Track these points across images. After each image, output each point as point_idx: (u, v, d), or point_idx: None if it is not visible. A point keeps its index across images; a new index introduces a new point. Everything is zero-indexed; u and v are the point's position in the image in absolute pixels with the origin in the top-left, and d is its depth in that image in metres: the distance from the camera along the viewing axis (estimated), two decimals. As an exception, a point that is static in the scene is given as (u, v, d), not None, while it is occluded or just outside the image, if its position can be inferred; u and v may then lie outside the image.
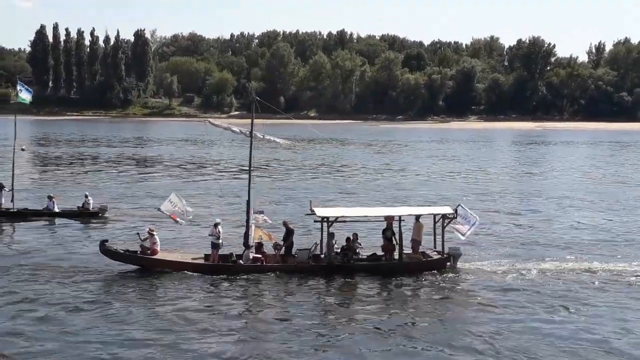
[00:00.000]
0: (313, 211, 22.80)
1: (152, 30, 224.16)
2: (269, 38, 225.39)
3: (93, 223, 31.02)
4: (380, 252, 23.29)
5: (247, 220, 22.66)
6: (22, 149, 72.22)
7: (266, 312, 18.59)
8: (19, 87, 34.14)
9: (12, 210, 32.01)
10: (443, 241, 23.17)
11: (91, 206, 32.41)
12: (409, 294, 20.93)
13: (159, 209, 23.99)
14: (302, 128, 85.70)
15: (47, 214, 31.87)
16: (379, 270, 22.32)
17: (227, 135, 24.75)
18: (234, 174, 53.41)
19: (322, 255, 22.55)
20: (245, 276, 21.41)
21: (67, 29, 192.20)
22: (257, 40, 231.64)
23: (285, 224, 23.54)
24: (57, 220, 31.11)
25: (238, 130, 24.68)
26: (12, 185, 32.77)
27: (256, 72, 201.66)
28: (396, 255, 22.84)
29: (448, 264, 22.99)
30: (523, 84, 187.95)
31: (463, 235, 23.22)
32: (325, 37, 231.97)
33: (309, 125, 63.98)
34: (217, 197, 37.42)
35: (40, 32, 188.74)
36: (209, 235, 22.69)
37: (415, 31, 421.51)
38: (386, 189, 45.30)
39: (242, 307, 19.04)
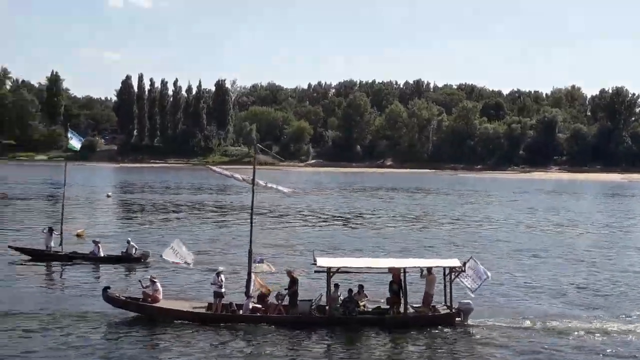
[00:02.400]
0: (315, 261, 22.34)
1: (232, 80, 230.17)
2: (346, 88, 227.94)
3: (133, 268, 31.26)
4: (385, 305, 22.40)
5: (249, 270, 22.50)
6: (108, 196, 74.55)
7: None
8: (69, 135, 35.80)
9: (60, 253, 33.03)
10: (451, 295, 22.16)
11: (134, 252, 32.89)
12: (410, 350, 19.82)
13: (161, 256, 24.29)
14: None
15: (92, 259, 32.65)
16: (382, 323, 21.43)
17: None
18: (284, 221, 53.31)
19: (327, 307, 21.81)
20: (244, 326, 20.94)
21: (151, 79, 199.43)
22: (334, 90, 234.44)
23: (289, 273, 22.89)
24: (102, 265, 31.73)
25: (240, 178, 24.64)
26: (61, 229, 33.93)
27: (333, 121, 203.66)
28: (402, 308, 21.88)
29: (458, 319, 21.79)
30: (607, 134, 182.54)
31: (472, 290, 22.15)
32: (401, 86, 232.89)
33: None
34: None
35: (126, 82, 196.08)
36: (212, 284, 22.44)
37: (493, 80, 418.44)
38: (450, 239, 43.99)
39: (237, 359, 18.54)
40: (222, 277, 22.20)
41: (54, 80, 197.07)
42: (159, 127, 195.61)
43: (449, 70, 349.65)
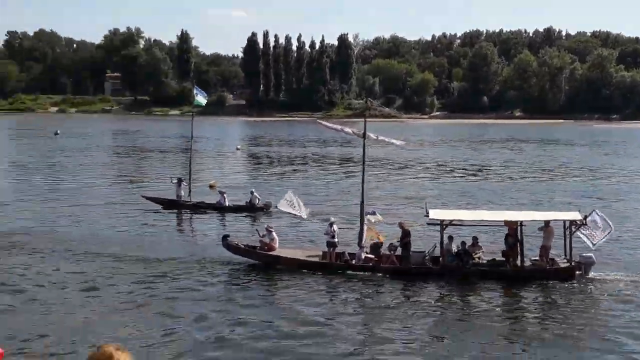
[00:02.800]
0: (428, 213, 21.85)
1: (355, 34, 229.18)
2: (472, 38, 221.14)
3: (256, 218, 32.26)
4: (500, 258, 21.73)
5: (361, 220, 22.75)
6: (237, 149, 76.74)
7: (377, 313, 18.01)
8: (195, 92, 37.87)
9: (188, 202, 34.86)
10: (571, 249, 21.45)
11: (257, 202, 33.98)
12: (525, 303, 19.07)
13: (276, 207, 25.39)
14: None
15: (218, 208, 34.20)
16: (497, 276, 20.85)
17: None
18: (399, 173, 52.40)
19: (440, 258, 21.79)
20: (357, 275, 21.23)
21: (276, 36, 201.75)
22: (459, 41, 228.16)
23: (401, 225, 22.96)
24: (227, 214, 33.25)
25: (351, 132, 24.66)
26: (190, 179, 35.82)
27: (458, 72, 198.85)
28: (519, 262, 21.02)
29: (578, 272, 20.78)
30: None
31: (593, 244, 21.03)
32: (531, 34, 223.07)
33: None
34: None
35: (252, 40, 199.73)
36: (325, 234, 22.74)
37: (630, 27, 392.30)
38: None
39: (352, 307, 18.71)
40: (335, 227, 22.56)
41: (184, 38, 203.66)
42: (284, 82, 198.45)
43: (581, 17, 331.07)
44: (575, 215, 21.77)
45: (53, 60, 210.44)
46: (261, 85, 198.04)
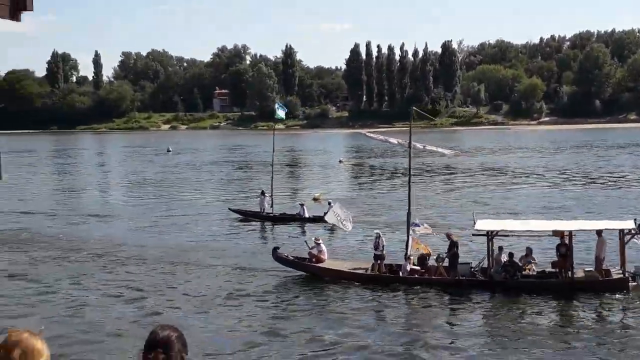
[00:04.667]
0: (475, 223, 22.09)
1: (459, 41, 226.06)
2: (582, 39, 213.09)
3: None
4: (550, 270, 20.97)
5: (407, 232, 22.90)
6: (341, 161, 77.36)
7: (421, 325, 18.22)
8: (276, 106, 40.05)
9: (271, 214, 36.13)
10: (624, 259, 20.66)
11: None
12: (572, 315, 18.39)
13: (324, 219, 26.57)
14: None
15: (299, 219, 35.22)
16: (546, 288, 20.04)
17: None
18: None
19: (488, 270, 21.49)
20: (404, 287, 21.14)
21: (378, 46, 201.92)
22: (568, 43, 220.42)
23: (448, 235, 22.89)
24: (307, 225, 34.07)
25: (396, 142, 24.74)
26: (272, 192, 36.77)
27: (568, 76, 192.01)
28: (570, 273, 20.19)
29: (633, 284, 20.00)
30: None
31: None
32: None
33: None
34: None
35: (355, 51, 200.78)
36: (372, 247, 22.88)
37: None
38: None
39: (396, 319, 18.67)
40: (383, 239, 22.71)
41: (288, 53, 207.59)
42: (387, 92, 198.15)
43: None
44: (629, 224, 20.97)
45: (165, 79, 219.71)
46: (364, 96, 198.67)
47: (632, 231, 20.63)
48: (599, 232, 21.35)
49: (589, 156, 75.53)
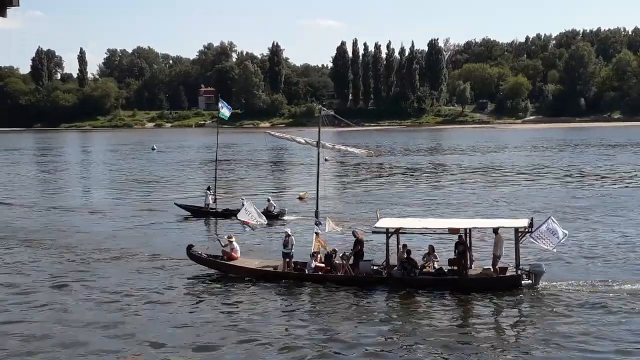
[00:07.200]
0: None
1: (445, 39, 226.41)
2: (567, 38, 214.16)
3: (272, 225, 32.02)
4: (449, 267, 21.63)
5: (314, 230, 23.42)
6: (326, 160, 76.96)
7: (316, 321, 18.28)
8: (220, 105, 38.17)
9: (214, 210, 36.32)
10: (518, 257, 20.84)
11: (273, 209, 34.47)
12: (464, 312, 18.89)
13: (235, 217, 26.66)
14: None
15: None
16: (441, 285, 20.73)
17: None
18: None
19: (395, 268, 21.74)
20: (308, 284, 21.48)
21: (365, 44, 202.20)
22: (554, 41, 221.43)
23: (354, 233, 23.16)
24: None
25: (303, 141, 24.95)
26: (215, 188, 37.10)
27: (553, 74, 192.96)
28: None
29: (526, 282, 20.50)
30: None
31: (550, 249, 21.04)
32: (630, 33, 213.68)
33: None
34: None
35: (341, 49, 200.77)
36: (283, 245, 23.17)
37: None
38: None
39: (289, 315, 18.94)
40: (292, 238, 23.05)
41: (275, 50, 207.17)
42: (373, 90, 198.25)
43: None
44: (522, 222, 21.39)
45: (150, 76, 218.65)
46: (350, 94, 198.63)
47: (526, 230, 20.86)
48: (495, 230, 21.60)
49: (548, 155, 75.93)
